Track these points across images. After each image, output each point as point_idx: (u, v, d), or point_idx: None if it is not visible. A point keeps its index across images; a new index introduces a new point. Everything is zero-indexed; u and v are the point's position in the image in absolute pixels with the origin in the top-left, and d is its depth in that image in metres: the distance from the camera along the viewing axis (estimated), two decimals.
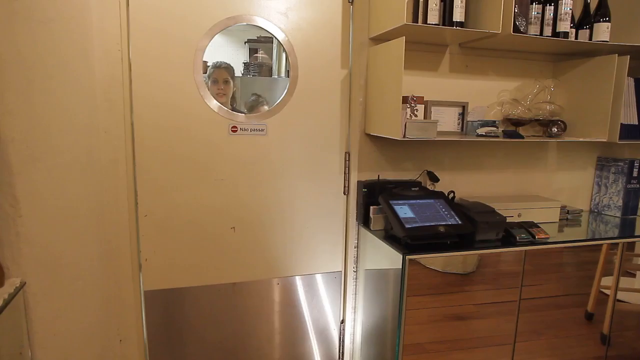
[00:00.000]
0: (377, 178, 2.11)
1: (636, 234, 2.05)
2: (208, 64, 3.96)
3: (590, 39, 2.01)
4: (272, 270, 2.10)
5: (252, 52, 3.96)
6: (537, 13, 1.92)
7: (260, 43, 4.06)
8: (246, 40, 3.98)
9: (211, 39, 1.91)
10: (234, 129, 1.97)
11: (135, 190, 1.87)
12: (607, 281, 2.02)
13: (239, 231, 2.03)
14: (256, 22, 1.99)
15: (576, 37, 2.03)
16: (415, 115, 1.98)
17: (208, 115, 1.93)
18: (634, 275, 2.09)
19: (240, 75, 3.87)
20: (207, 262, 2.01)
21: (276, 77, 3.65)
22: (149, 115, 1.83)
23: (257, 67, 3.66)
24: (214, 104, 1.94)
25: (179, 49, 1.85)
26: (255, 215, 2.05)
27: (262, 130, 2.01)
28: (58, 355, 1.34)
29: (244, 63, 3.89)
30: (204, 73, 1.96)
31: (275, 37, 2.03)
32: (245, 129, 1.99)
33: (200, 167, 1.94)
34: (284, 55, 3.81)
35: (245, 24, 2.01)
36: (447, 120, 2.12)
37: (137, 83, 1.80)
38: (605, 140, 2.05)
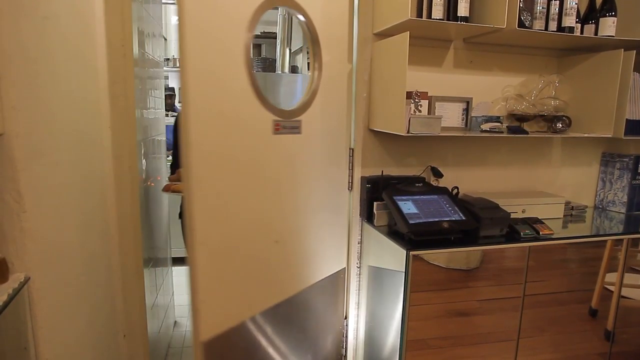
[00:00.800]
0: (380, 174, 2.10)
1: None
2: None
3: (596, 33, 1.99)
4: (304, 279, 1.90)
5: (256, 48, 3.96)
6: (542, 8, 1.90)
7: (263, 39, 4.06)
8: None
9: (261, 16, 1.57)
10: (277, 127, 1.67)
11: (191, 213, 1.39)
12: (612, 277, 2.01)
13: (280, 244, 1.75)
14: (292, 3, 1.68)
15: (581, 32, 2.01)
16: (419, 111, 1.97)
17: (254, 111, 1.58)
18: (638, 272, 2.08)
19: None
20: (256, 287, 1.69)
21: (280, 72, 3.66)
22: (201, 115, 1.42)
23: (261, 63, 3.67)
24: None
25: (229, 31, 1.48)
26: (293, 223, 1.80)
27: (298, 127, 1.76)
28: (62, 350, 1.34)
29: None
30: None
31: (305, 22, 1.79)
32: (285, 127, 1.69)
33: (249, 174, 1.59)
34: (287, 51, 3.80)
35: (284, 7, 1.76)
36: (451, 116, 2.11)
37: (191, 79, 1.38)
38: (610, 135, 2.04)
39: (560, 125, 2.14)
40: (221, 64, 1.45)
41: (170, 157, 2.82)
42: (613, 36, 1.97)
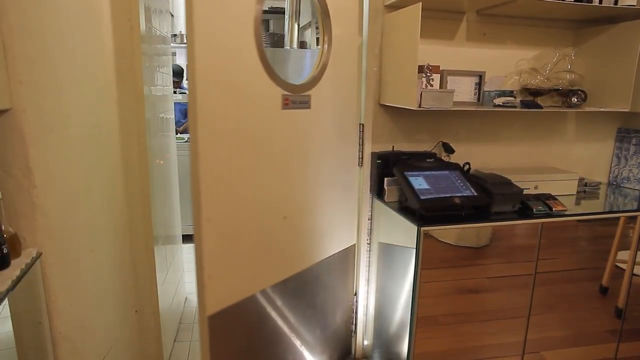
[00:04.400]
0: (391, 149, 2.08)
1: None
2: None
3: (616, 3, 1.92)
4: (312, 256, 1.94)
5: (264, 23, 3.90)
6: None
7: (271, 14, 4.00)
8: None
9: None
10: (286, 102, 1.66)
11: (197, 189, 1.42)
12: (623, 255, 1.99)
13: (289, 220, 1.77)
14: None
15: (600, 2, 1.94)
16: (431, 85, 1.93)
17: (263, 85, 1.56)
18: None
19: None
20: (264, 262, 1.71)
21: (288, 48, 3.60)
22: (209, 89, 1.41)
23: (269, 38, 3.61)
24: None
25: (239, 2, 1.45)
26: (302, 199, 1.81)
27: (307, 102, 1.75)
28: (75, 324, 1.36)
29: None
30: None
31: None
32: (294, 102, 1.70)
33: (257, 150, 1.59)
34: (295, 26, 3.74)
35: None
36: (463, 90, 2.07)
37: (198, 51, 1.36)
38: (627, 110, 1.99)
39: (576, 100, 2.09)
40: (230, 37, 1.44)
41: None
42: (634, 5, 1.90)
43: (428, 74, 1.90)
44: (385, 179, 1.98)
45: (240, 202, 1.57)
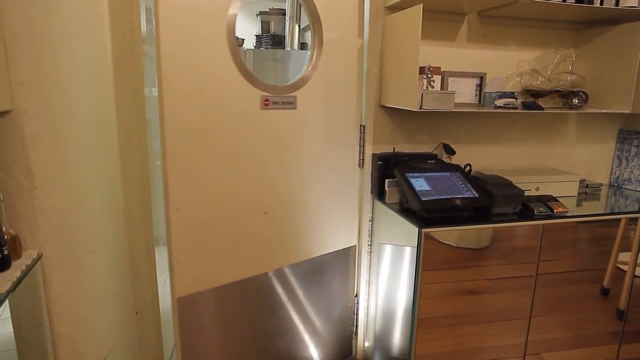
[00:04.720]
0: (392, 151, 2.08)
1: None
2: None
3: (617, 4, 1.92)
4: (300, 252, 1.99)
5: (264, 24, 3.90)
6: None
7: (272, 15, 3.99)
8: (258, 12, 3.92)
9: None
10: (266, 103, 1.74)
11: (166, 182, 1.55)
12: (624, 257, 1.98)
13: (270, 216, 1.85)
14: None
15: (601, 3, 1.94)
16: (432, 86, 1.93)
17: (239, 87, 1.65)
18: None
19: (253, 47, 3.82)
20: (241, 254, 1.80)
21: (288, 49, 3.61)
22: (177, 89, 1.52)
23: (270, 39, 3.61)
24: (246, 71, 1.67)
25: (209, 8, 1.55)
26: (285, 196, 1.88)
27: (292, 103, 1.81)
28: (76, 326, 1.36)
29: (256, 35, 3.84)
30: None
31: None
32: (276, 102, 1.77)
33: (232, 148, 1.69)
34: (296, 27, 3.74)
35: None
36: (464, 92, 2.07)
37: (165, 55, 1.47)
38: (628, 111, 1.99)
39: (577, 101, 2.09)
40: (199, 42, 1.54)
41: None
42: (635, 7, 1.90)
43: (429, 75, 1.90)
44: (386, 180, 1.98)
45: (212, 195, 1.67)
